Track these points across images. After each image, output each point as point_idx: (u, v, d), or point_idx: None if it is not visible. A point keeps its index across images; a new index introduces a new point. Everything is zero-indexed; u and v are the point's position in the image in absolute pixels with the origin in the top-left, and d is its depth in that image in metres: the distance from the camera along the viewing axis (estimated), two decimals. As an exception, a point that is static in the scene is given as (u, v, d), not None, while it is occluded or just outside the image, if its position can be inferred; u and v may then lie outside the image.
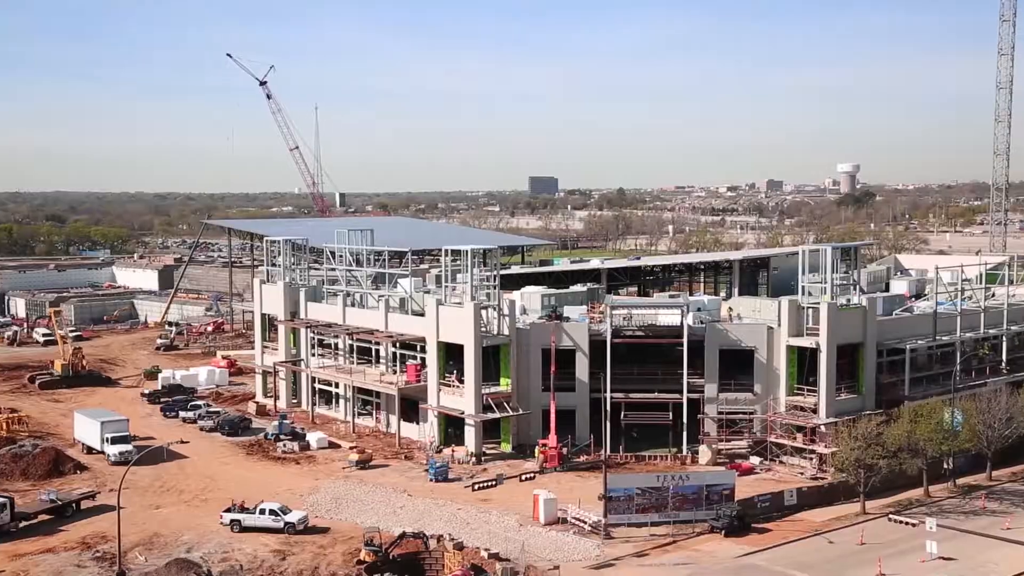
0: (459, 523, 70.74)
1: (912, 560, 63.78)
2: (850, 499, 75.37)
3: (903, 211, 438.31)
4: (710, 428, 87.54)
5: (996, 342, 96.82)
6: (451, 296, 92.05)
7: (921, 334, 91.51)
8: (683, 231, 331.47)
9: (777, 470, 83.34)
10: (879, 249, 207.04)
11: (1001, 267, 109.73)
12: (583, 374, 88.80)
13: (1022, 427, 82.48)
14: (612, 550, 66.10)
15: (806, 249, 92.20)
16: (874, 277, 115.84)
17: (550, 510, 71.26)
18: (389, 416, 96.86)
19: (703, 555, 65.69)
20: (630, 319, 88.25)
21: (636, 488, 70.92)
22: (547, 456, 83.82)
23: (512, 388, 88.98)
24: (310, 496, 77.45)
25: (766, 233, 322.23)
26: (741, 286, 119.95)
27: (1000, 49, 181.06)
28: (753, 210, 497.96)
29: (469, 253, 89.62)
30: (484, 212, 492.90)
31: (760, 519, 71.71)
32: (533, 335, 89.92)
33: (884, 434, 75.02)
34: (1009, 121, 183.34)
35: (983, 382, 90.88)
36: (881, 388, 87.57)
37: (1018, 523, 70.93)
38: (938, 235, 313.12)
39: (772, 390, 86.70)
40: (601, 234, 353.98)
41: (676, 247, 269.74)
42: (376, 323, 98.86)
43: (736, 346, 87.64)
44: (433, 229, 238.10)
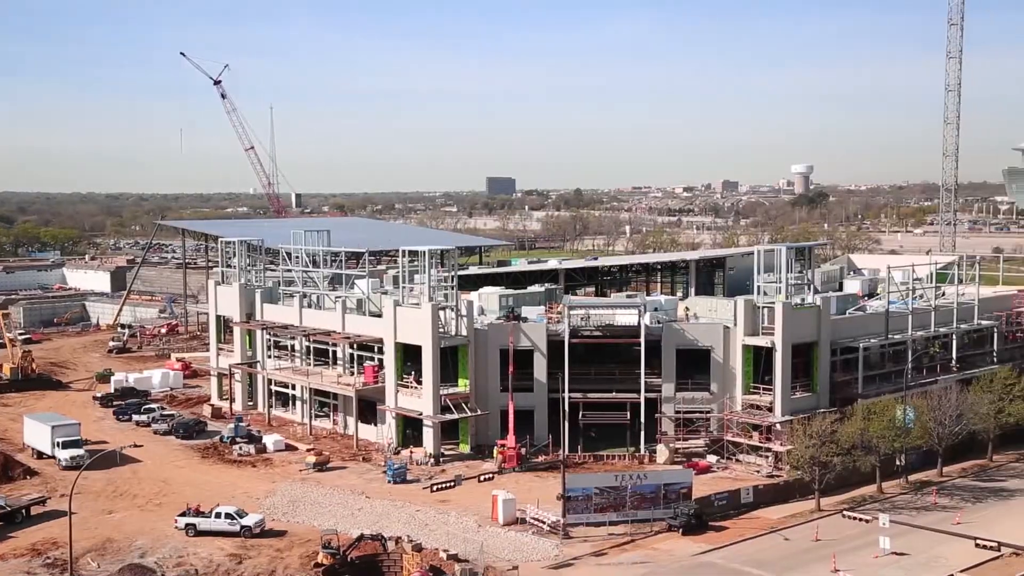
0: (418, 524, 70.51)
1: (866, 556, 64.66)
2: (805, 496, 76.22)
3: (856, 211, 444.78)
4: (667, 427, 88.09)
5: (946, 340, 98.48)
6: (409, 297, 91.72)
7: (874, 333, 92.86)
8: (640, 231, 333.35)
9: (734, 468, 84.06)
10: (832, 249, 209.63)
11: (951, 267, 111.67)
12: (541, 374, 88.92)
13: (972, 424, 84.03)
14: (571, 550, 66.25)
15: (761, 249, 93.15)
16: (828, 277, 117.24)
17: (509, 510, 71.25)
18: (347, 418, 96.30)
19: (661, 554, 66.07)
20: (588, 319, 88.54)
21: (594, 488, 71.16)
22: (506, 456, 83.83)
23: (470, 389, 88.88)
24: (267, 499, 76.74)
25: (722, 233, 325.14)
26: (697, 286, 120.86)
27: (949, 52, 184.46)
28: (709, 210, 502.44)
29: (427, 254, 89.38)
30: (441, 213, 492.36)
31: (717, 517, 72.28)
32: (491, 336, 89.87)
33: (838, 432, 75.98)
34: (958, 123, 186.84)
35: (934, 380, 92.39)
36: (835, 386, 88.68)
37: (968, 518, 72.19)
38: (890, 235, 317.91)
39: (728, 389, 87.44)
40: (559, 234, 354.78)
41: (633, 247, 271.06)
42: (333, 324, 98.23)
43: (693, 346, 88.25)
44: (390, 230, 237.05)
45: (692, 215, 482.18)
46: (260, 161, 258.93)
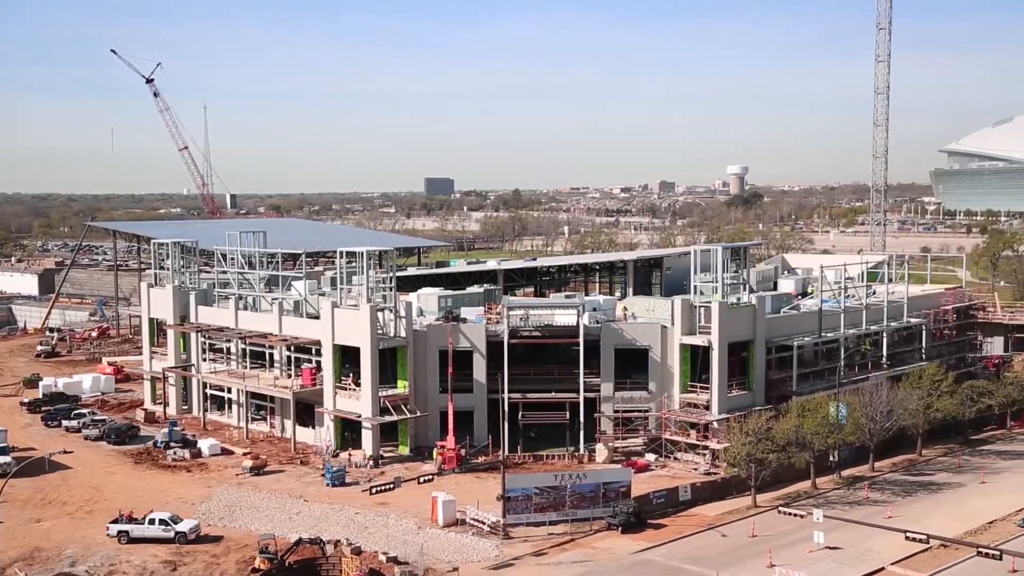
0: (357, 527, 69.97)
1: (800, 550, 65.71)
2: (742, 493, 77.23)
3: (789, 212, 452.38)
4: (606, 426, 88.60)
5: (877, 338, 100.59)
6: (347, 298, 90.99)
7: (807, 331, 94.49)
8: (578, 232, 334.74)
9: (672, 466, 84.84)
10: (767, 249, 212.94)
11: (881, 266, 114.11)
12: (481, 375, 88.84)
13: (902, 419, 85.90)
14: (511, 550, 66.27)
15: (698, 249, 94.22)
16: (763, 276, 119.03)
17: (449, 512, 71.05)
18: (284, 421, 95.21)
19: (600, 552, 66.41)
20: (527, 320, 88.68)
21: (534, 488, 71.27)
22: (445, 458, 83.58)
23: (409, 390, 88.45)
24: (202, 504, 75.53)
25: (659, 233, 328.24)
26: (635, 286, 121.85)
27: (877, 56, 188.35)
28: (646, 211, 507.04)
29: (365, 255, 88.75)
30: (379, 213, 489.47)
31: (656, 515, 72.85)
32: (430, 337, 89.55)
33: (773, 429, 77.13)
34: (887, 125, 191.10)
35: (865, 377, 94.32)
36: (770, 384, 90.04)
37: (899, 512, 73.77)
38: (822, 235, 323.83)
39: (666, 388, 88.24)
40: (497, 235, 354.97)
41: (572, 248, 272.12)
42: (270, 326, 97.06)
43: (631, 345, 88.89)
44: (328, 231, 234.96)
45: (630, 216, 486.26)
46: (194, 161, 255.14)
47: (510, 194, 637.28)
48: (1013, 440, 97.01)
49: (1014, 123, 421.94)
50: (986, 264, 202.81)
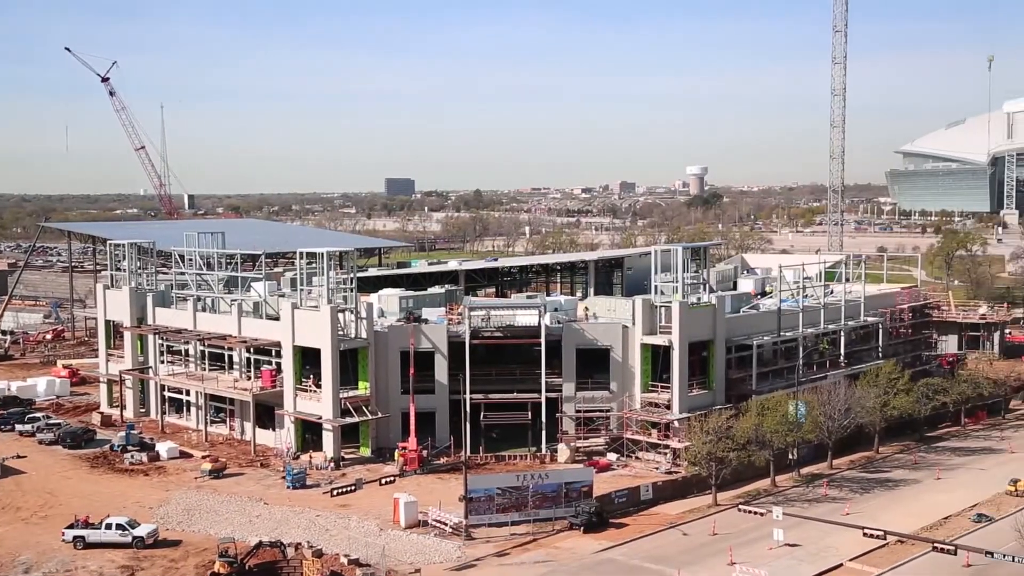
0: (318, 530, 69.50)
1: (761, 548, 66.26)
2: (703, 491, 77.73)
3: (748, 212, 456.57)
4: (568, 426, 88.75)
5: (835, 337, 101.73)
6: (307, 299, 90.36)
7: (767, 330, 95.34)
8: (540, 232, 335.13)
9: (633, 466, 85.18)
10: (727, 249, 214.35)
11: (839, 265, 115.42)
12: (442, 376, 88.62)
13: (859, 417, 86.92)
14: (473, 551, 66.17)
15: (658, 249, 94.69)
16: (722, 276, 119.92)
17: (411, 513, 70.79)
18: (244, 423, 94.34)
19: (562, 552, 66.50)
20: (488, 320, 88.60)
21: (496, 488, 71.20)
22: (407, 459, 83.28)
23: (371, 391, 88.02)
24: (160, 508, 74.59)
25: (620, 234, 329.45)
26: (596, 286, 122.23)
27: (834, 58, 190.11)
28: (607, 211, 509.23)
29: (325, 256, 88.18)
30: (340, 214, 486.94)
31: (618, 514, 73.08)
32: (391, 338, 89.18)
33: (733, 427, 77.69)
34: (843, 127, 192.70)
35: (824, 375, 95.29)
36: (730, 383, 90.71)
37: (856, 508, 74.65)
38: (781, 235, 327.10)
39: (628, 387, 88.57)
40: (459, 236, 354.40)
41: (533, 248, 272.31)
42: (229, 328, 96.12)
43: (592, 345, 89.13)
44: (287, 231, 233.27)
45: (591, 216, 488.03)
46: (151, 161, 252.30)
47: (471, 194, 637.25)
48: (967, 437, 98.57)
49: (966, 124, 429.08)
50: (940, 264, 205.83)
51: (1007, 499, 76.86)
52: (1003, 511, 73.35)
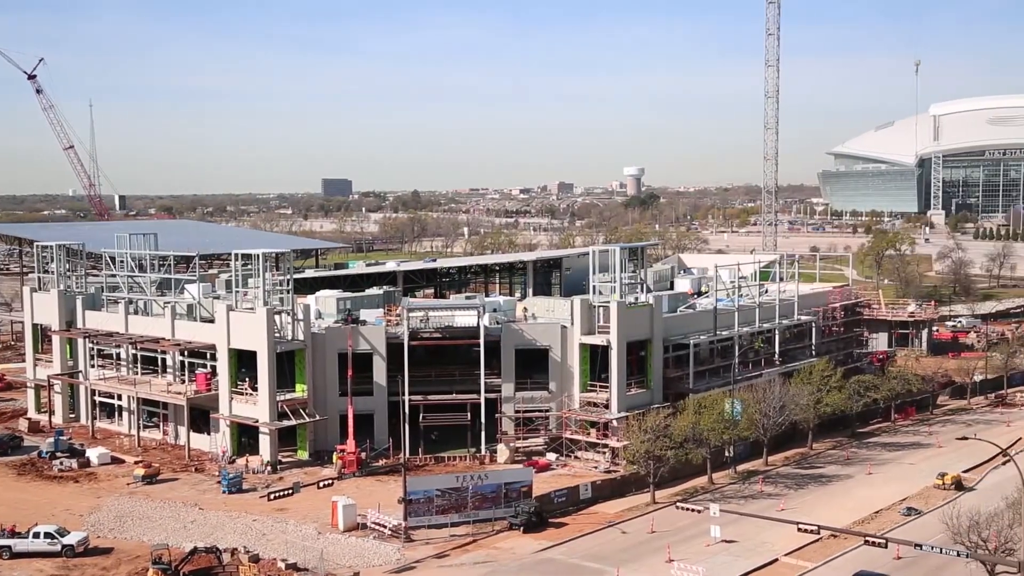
0: (255, 534, 68.62)
1: (698, 544, 66.99)
2: (641, 490, 78.34)
3: (685, 212, 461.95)
4: (508, 427, 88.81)
5: (770, 336, 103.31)
6: (242, 301, 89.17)
7: (703, 329, 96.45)
8: (478, 233, 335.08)
9: (573, 465, 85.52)
10: (663, 249, 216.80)
11: (773, 265, 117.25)
12: (381, 377, 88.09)
13: (794, 414, 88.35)
14: (413, 553, 65.88)
15: (596, 250, 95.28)
16: (659, 276, 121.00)
17: (349, 516, 70.23)
18: (178, 427, 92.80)
19: (502, 552, 66.52)
20: (427, 321, 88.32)
21: (436, 489, 70.98)
22: (345, 461, 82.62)
23: (308, 394, 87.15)
24: (91, 515, 73.00)
25: (558, 234, 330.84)
26: (535, 286, 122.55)
27: (767, 61, 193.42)
28: (545, 212, 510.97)
29: (261, 257, 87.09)
30: (276, 215, 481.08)
31: (557, 514, 73.32)
32: (329, 339, 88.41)
33: (671, 426, 78.43)
34: (777, 128, 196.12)
35: (759, 373, 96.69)
36: (668, 382, 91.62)
37: (791, 504, 75.86)
38: (716, 235, 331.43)
39: (566, 387, 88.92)
40: (397, 236, 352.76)
41: (471, 249, 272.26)
42: (162, 331, 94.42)
43: (531, 345, 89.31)
44: (222, 232, 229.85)
45: (529, 216, 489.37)
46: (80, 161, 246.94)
47: (409, 195, 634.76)
48: (897, 432, 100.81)
49: (895, 127, 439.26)
50: (871, 263, 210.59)
51: (935, 492, 78.78)
52: (931, 504, 75.16)
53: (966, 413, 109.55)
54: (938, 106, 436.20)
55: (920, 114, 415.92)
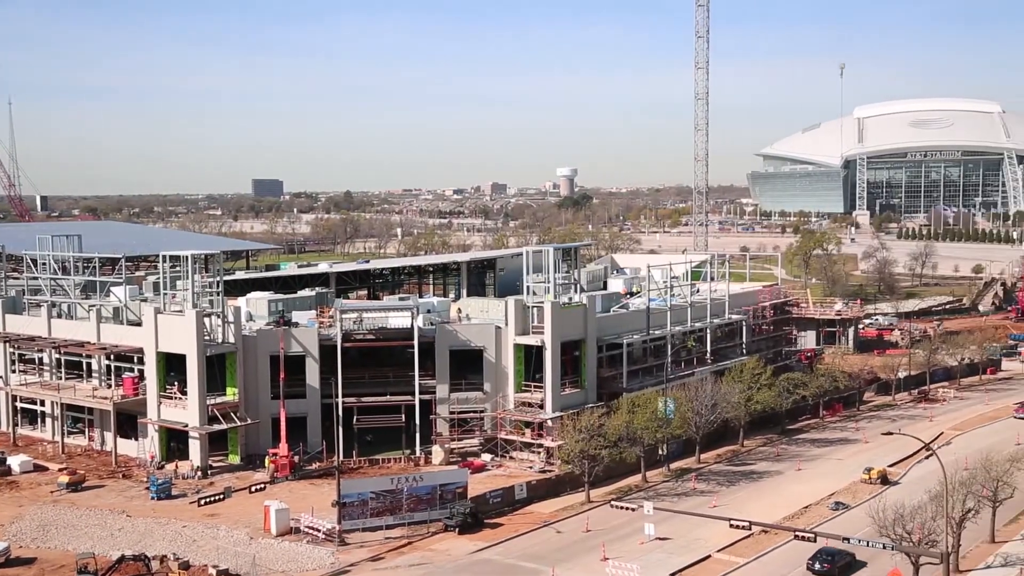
0: (185, 541, 67.39)
1: (632, 543, 67.50)
2: (576, 489, 78.68)
3: (617, 213, 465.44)
4: (442, 428, 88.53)
5: (701, 335, 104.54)
6: (171, 304, 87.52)
7: (636, 329, 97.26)
8: (411, 234, 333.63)
9: (508, 466, 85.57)
10: (597, 249, 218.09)
11: (704, 265, 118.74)
12: (314, 380, 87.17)
13: (725, 412, 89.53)
14: (347, 556, 65.30)
15: (530, 250, 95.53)
16: (593, 276, 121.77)
17: (282, 520, 69.34)
18: (104, 433, 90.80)
19: (438, 554, 66.27)
20: (360, 323, 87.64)
21: (370, 492, 70.46)
22: (278, 465, 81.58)
23: (239, 397, 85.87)
24: (12, 525, 70.94)
25: (492, 235, 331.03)
26: (469, 287, 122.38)
27: (697, 63, 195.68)
28: (479, 212, 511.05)
29: (190, 259, 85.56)
30: (205, 216, 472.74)
31: (493, 514, 73.29)
32: (260, 342, 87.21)
33: (605, 425, 78.92)
34: (707, 130, 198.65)
35: (691, 372, 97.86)
36: (602, 381, 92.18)
37: (723, 501, 76.87)
38: (649, 235, 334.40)
39: (501, 388, 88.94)
40: (329, 237, 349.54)
41: (405, 250, 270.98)
42: (87, 335, 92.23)
43: (466, 346, 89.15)
44: (149, 234, 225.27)
45: (463, 217, 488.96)
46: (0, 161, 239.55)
47: (341, 196, 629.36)
48: (826, 428, 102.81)
49: (822, 128, 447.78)
50: (799, 262, 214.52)
51: (862, 487, 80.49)
52: (858, 498, 76.76)
53: (891, 409, 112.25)
54: (862, 108, 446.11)
55: (845, 116, 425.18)
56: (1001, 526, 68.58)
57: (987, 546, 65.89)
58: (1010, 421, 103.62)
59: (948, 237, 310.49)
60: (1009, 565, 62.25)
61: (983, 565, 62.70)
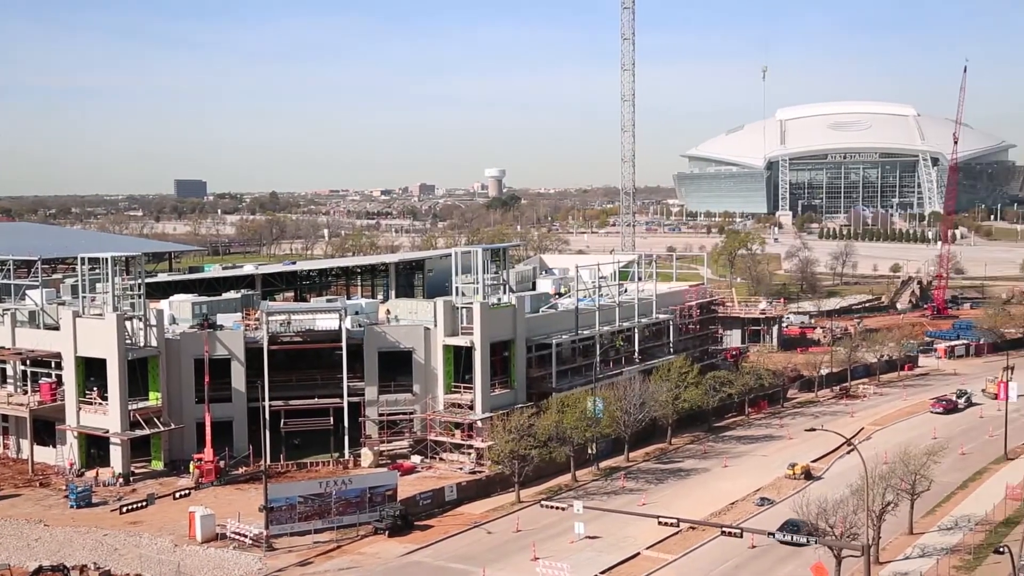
0: (106, 550, 65.80)
1: (563, 542, 67.78)
2: (506, 489, 78.75)
3: (546, 213, 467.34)
4: (372, 430, 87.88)
5: (629, 334, 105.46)
6: (90, 307, 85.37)
7: (565, 329, 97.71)
8: (339, 235, 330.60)
9: (438, 467, 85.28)
10: (525, 250, 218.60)
11: (631, 265, 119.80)
12: (240, 383, 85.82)
13: (653, 411, 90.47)
14: (275, 562, 64.40)
15: (459, 251, 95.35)
16: (522, 277, 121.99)
17: (208, 526, 68.10)
18: (20, 440, 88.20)
19: (367, 557, 65.73)
20: (288, 325, 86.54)
21: (298, 496, 69.63)
22: (203, 471, 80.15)
23: (163, 402, 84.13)
24: (-76, 538, 68.41)
25: (420, 236, 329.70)
26: (398, 288, 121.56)
27: (623, 65, 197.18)
28: (407, 213, 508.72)
29: (109, 261, 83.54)
30: (125, 217, 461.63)
31: (423, 516, 72.99)
32: (184, 345, 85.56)
33: (535, 425, 79.11)
34: (633, 131, 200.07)
35: (620, 371, 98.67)
36: (531, 381, 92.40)
37: (652, 499, 77.67)
38: (577, 236, 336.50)
39: (431, 389, 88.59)
40: (254, 239, 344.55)
41: (332, 251, 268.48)
42: (1, 340, 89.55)
43: (395, 348, 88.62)
44: (67, 235, 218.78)
45: (390, 218, 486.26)
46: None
47: (267, 197, 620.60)
48: (751, 425, 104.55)
49: (745, 130, 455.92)
50: (724, 262, 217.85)
51: (786, 482, 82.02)
52: (783, 494, 78.21)
53: (814, 405, 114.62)
54: (784, 111, 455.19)
55: (768, 119, 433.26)
56: (919, 518, 70.59)
57: (906, 538, 67.71)
58: (927, 416, 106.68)
59: (867, 237, 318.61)
60: (926, 556, 64.03)
61: (902, 556, 64.42)
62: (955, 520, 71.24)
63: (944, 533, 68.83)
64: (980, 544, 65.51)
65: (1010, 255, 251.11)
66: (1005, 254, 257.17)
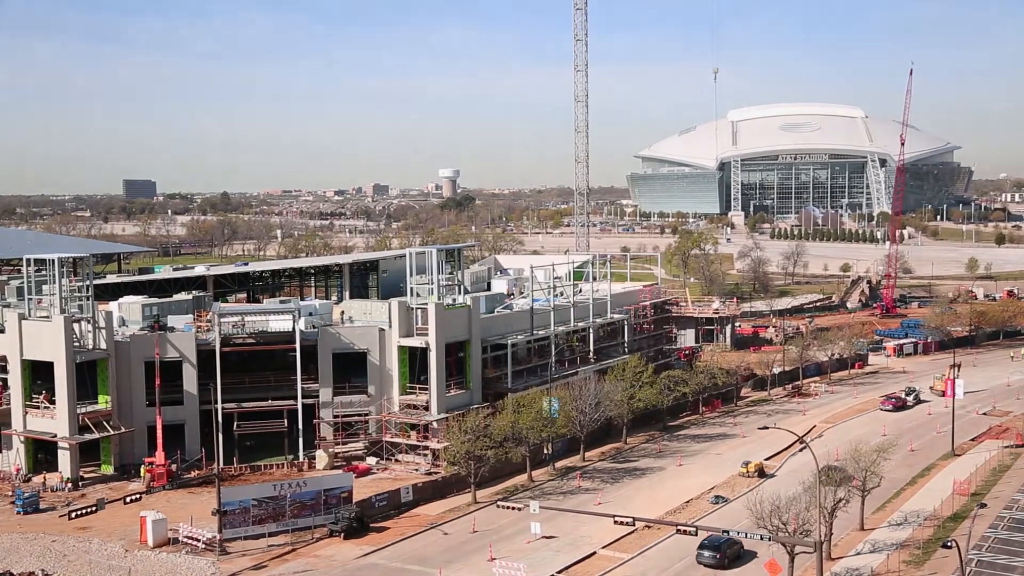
0: (55, 556, 64.66)
1: (519, 542, 67.82)
2: (462, 490, 78.59)
3: (500, 214, 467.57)
4: (326, 432, 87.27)
5: (584, 334, 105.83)
6: (37, 310, 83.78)
7: (520, 329, 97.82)
8: (292, 236, 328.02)
9: (394, 469, 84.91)
10: (480, 250, 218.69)
11: (586, 265, 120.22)
12: (192, 386, 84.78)
13: (608, 410, 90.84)
14: (228, 565, 63.69)
15: (413, 252, 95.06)
16: (476, 277, 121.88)
17: (159, 531, 67.19)
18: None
19: (322, 560, 65.24)
20: (241, 326, 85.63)
21: (252, 499, 68.95)
22: (155, 475, 79.04)
23: (112, 405, 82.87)
24: None
25: (374, 236, 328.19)
26: (352, 289, 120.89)
27: (576, 66, 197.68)
28: (361, 214, 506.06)
29: (56, 262, 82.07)
30: (73, 218, 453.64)
31: (379, 518, 72.63)
32: (134, 348, 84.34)
33: (491, 425, 79.06)
34: (587, 132, 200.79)
35: (575, 371, 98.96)
36: (487, 382, 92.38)
37: (607, 498, 77.97)
38: (532, 236, 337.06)
39: (386, 390, 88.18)
40: (206, 240, 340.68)
41: (285, 252, 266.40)
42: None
43: (349, 349, 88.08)
44: (11, 237, 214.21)
45: (344, 219, 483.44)
46: None
47: (218, 197, 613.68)
48: (705, 424, 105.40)
49: (697, 131, 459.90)
50: (678, 262, 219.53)
51: (740, 480, 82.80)
52: (737, 492, 78.93)
53: (767, 404, 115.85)
54: (736, 112, 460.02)
55: (720, 120, 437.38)
56: (870, 514, 71.65)
57: (857, 534, 68.69)
58: (876, 413, 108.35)
59: (818, 237, 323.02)
60: (877, 551, 65.02)
61: (853, 552, 65.33)
62: (904, 516, 72.41)
63: (894, 529, 69.92)
64: (929, 539, 66.63)
65: (956, 255, 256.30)
66: (951, 254, 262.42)
